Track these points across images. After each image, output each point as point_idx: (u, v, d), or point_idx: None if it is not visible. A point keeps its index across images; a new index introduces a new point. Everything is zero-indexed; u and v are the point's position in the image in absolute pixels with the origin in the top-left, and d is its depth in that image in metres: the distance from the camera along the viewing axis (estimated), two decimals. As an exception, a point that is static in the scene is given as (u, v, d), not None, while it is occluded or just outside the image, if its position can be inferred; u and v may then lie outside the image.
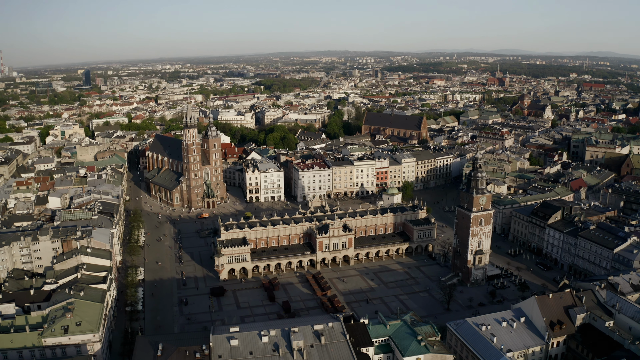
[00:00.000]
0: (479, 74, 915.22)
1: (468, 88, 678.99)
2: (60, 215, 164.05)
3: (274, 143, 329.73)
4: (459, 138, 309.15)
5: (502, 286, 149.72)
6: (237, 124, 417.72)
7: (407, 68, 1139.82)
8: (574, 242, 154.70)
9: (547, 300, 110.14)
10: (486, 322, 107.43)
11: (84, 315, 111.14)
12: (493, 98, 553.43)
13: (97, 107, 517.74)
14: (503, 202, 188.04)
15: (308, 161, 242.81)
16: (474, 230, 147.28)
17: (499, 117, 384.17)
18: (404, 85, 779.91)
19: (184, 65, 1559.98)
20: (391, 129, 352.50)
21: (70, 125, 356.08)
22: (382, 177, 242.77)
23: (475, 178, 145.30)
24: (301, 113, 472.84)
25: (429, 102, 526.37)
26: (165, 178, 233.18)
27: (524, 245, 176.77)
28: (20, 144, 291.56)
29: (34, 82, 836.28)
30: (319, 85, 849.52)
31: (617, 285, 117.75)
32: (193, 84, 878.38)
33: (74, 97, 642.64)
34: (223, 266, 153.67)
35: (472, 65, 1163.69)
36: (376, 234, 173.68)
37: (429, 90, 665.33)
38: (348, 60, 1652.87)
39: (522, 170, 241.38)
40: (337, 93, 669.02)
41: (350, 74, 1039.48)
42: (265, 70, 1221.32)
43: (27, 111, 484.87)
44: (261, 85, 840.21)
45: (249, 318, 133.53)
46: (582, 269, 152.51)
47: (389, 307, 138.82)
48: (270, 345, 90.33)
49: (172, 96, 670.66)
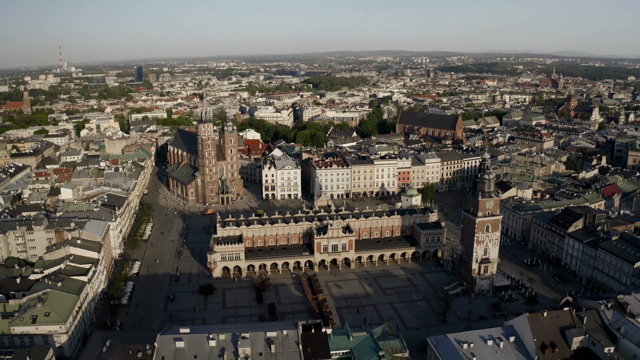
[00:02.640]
0: (533, 75, 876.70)
1: (519, 89, 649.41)
2: (63, 206, 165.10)
3: (303, 140, 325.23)
4: (494, 139, 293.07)
5: (510, 299, 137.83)
6: (272, 120, 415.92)
7: (462, 68, 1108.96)
8: (594, 253, 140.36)
9: (541, 318, 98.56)
10: (470, 339, 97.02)
11: (54, 306, 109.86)
12: (543, 100, 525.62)
13: (142, 102, 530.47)
14: (524, 208, 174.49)
15: (328, 159, 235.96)
16: (480, 236, 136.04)
17: (543, 118, 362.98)
18: (454, 85, 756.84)
19: (239, 63, 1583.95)
20: (425, 129, 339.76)
21: (105, 119, 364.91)
22: (405, 178, 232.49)
23: (482, 180, 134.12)
24: (339, 111, 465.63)
25: (475, 103, 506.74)
26: (183, 173, 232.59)
27: (543, 255, 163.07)
28: (54, 136, 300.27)
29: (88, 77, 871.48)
30: (368, 84, 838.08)
31: (627, 305, 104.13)
32: (242, 81, 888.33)
33: (123, 92, 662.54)
34: (216, 264, 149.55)
35: (528, 66, 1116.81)
36: (382, 236, 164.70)
37: (477, 90, 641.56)
38: (403, 60, 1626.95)
39: (557, 174, 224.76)
40: (383, 92, 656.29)
41: (401, 74, 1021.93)
42: (317, 69, 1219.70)
43: (73, 105, 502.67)
44: (309, 83, 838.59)
45: (231, 318, 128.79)
46: (600, 283, 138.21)
47: (381, 315, 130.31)
48: (217, 350, 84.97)
49: (218, 93, 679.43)
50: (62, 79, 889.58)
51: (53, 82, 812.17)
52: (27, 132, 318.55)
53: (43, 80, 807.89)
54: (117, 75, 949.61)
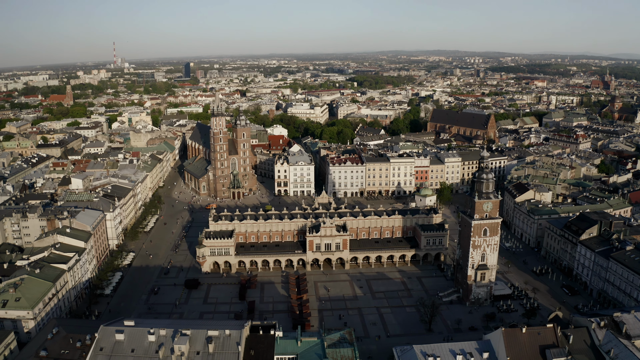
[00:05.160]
0: (586, 77, 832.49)
1: (568, 90, 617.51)
2: (65, 196, 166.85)
3: (329, 137, 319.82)
4: (526, 139, 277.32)
5: (508, 309, 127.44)
6: (304, 117, 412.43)
7: (513, 69, 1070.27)
8: (605, 264, 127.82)
9: (519, 335, 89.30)
10: (438, 351, 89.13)
11: (26, 292, 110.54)
12: (591, 101, 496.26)
13: (182, 98, 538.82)
14: (539, 212, 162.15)
15: (344, 156, 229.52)
16: (476, 240, 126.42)
17: (584, 120, 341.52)
18: (501, 85, 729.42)
19: (290, 61, 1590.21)
20: (457, 128, 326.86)
21: (138, 112, 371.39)
22: (422, 177, 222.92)
23: (480, 180, 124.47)
24: (374, 109, 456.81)
25: (518, 103, 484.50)
26: (197, 166, 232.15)
27: (555, 264, 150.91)
28: (85, 128, 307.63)
29: (138, 73, 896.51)
30: (414, 83, 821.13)
31: (623, 325, 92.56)
32: (288, 78, 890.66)
33: (168, 87, 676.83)
34: (205, 258, 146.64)
35: (582, 68, 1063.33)
36: (381, 237, 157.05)
37: (524, 91, 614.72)
38: (455, 60, 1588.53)
39: (587, 177, 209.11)
40: (426, 91, 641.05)
41: (450, 73, 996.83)
42: (366, 68, 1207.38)
43: (115, 99, 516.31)
44: (354, 81, 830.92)
45: (208, 315, 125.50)
46: (611, 297, 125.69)
47: (364, 319, 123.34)
48: (155, 345, 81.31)
49: (260, 89, 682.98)
50: (113, 74, 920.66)
51: (104, 77, 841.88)
52: (61, 124, 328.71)
53: (94, 75, 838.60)
54: (166, 72, 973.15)
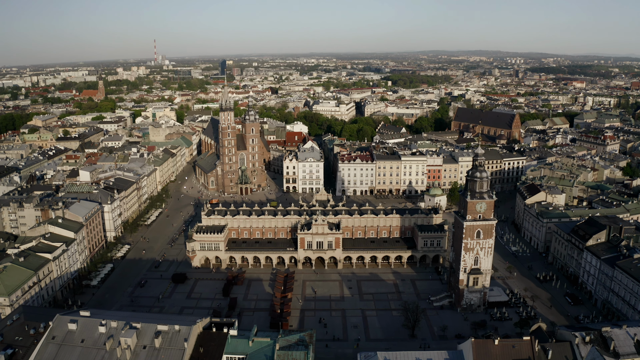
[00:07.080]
0: (627, 79, 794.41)
1: (607, 92, 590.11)
2: (66, 187, 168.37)
3: (349, 134, 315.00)
4: (550, 140, 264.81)
5: (502, 317, 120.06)
6: (328, 114, 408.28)
7: (554, 70, 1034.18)
8: (611, 272, 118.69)
9: (491, 346, 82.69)
10: None
11: (6, 279, 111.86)
12: (630, 103, 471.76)
13: (213, 94, 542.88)
14: (549, 215, 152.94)
15: (355, 153, 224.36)
16: (469, 243, 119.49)
17: (617, 121, 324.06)
18: (539, 86, 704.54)
19: (329, 60, 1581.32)
20: (481, 127, 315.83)
21: (161, 107, 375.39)
22: (435, 176, 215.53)
23: (473, 179, 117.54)
24: (402, 107, 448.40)
25: (552, 104, 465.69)
26: (207, 161, 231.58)
27: (561, 270, 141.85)
28: (108, 122, 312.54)
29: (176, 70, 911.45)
30: (450, 82, 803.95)
31: (611, 341, 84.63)
32: (322, 76, 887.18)
33: (202, 84, 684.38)
34: (195, 252, 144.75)
35: (625, 69, 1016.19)
36: (378, 236, 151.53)
37: (561, 92, 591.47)
38: (496, 60, 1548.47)
39: (610, 180, 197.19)
40: (459, 90, 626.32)
41: (489, 73, 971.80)
42: (404, 67, 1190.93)
43: (147, 95, 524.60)
44: (388, 80, 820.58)
45: (189, 309, 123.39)
46: (615, 308, 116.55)
47: (346, 321, 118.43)
48: (105, 336, 79.41)
49: (293, 87, 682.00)
50: (151, 70, 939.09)
51: (142, 73, 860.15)
52: (86, 118, 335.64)
53: (132, 72, 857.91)
54: (203, 69, 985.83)
